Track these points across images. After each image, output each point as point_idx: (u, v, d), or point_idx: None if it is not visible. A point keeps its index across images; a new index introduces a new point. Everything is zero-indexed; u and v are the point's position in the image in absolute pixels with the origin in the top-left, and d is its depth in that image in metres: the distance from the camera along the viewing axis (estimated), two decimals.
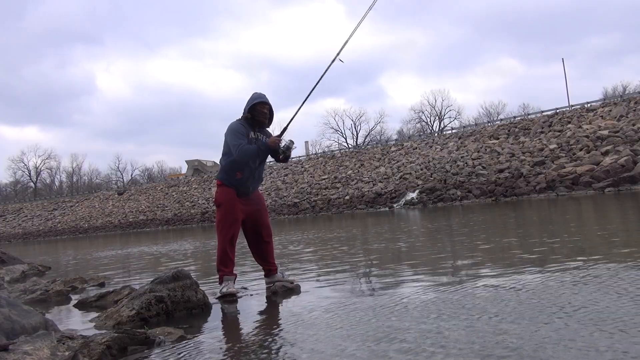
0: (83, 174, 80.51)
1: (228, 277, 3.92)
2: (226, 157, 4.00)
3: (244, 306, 3.62)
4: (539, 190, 20.05)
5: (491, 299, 2.85)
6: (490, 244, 5.93)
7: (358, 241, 8.55)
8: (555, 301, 2.65)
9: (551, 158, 23.59)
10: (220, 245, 3.96)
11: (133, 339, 2.50)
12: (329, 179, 34.81)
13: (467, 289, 3.26)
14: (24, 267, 7.69)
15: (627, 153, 19.97)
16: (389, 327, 2.50)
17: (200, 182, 47.15)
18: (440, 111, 63.21)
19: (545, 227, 7.43)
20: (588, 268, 3.52)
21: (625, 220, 7.73)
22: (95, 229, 43.62)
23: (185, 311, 3.40)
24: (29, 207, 58.82)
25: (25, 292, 5.03)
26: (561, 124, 28.38)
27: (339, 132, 65.57)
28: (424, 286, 3.52)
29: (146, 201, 47.37)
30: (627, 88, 50.78)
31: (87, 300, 4.28)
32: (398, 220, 14.54)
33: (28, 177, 77.64)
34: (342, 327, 2.61)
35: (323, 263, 5.68)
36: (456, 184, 24.54)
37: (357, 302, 3.22)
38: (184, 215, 38.89)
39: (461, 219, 11.44)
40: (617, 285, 2.87)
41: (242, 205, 4.00)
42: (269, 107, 4.06)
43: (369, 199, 27.89)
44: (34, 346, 2.29)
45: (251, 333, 2.84)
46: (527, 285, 3.14)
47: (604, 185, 18.12)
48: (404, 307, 2.93)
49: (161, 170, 79.54)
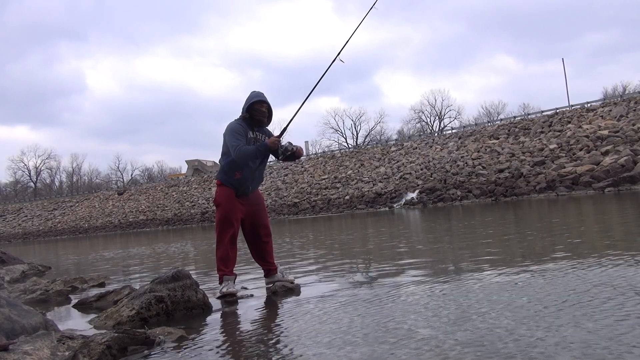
0: (83, 174, 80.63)
1: (228, 277, 3.92)
2: (225, 157, 3.99)
3: (244, 306, 3.62)
4: (539, 190, 20.05)
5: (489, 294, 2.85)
6: (491, 242, 5.94)
7: (358, 241, 8.55)
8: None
9: (551, 158, 23.59)
10: (220, 245, 3.96)
11: (133, 339, 2.50)
12: (329, 179, 34.80)
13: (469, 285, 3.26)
14: (24, 267, 7.69)
15: (627, 153, 19.96)
16: (389, 327, 2.50)
17: (200, 182, 47.15)
18: (440, 111, 63.30)
19: (547, 227, 7.43)
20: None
21: (626, 220, 7.73)
22: (95, 229, 43.62)
23: (185, 311, 3.40)
24: (29, 207, 58.81)
25: (25, 292, 5.03)
26: (561, 124, 28.38)
27: (339, 132, 65.68)
28: (423, 286, 3.52)
29: (146, 201, 47.37)
30: (627, 88, 50.82)
31: (87, 300, 4.28)
32: (398, 220, 14.54)
33: (28, 177, 77.76)
34: (342, 327, 2.61)
35: (323, 263, 5.68)
36: (456, 184, 24.54)
37: (358, 302, 3.21)
38: (184, 215, 38.89)
39: (461, 219, 11.44)
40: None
41: (241, 205, 4.00)
42: (268, 105, 4.05)
43: (369, 199, 27.89)
44: (34, 346, 2.29)
45: (251, 333, 2.84)
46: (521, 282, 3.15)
47: (604, 185, 18.11)
48: (405, 307, 2.93)
49: (161, 170, 79.60)
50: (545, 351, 1.92)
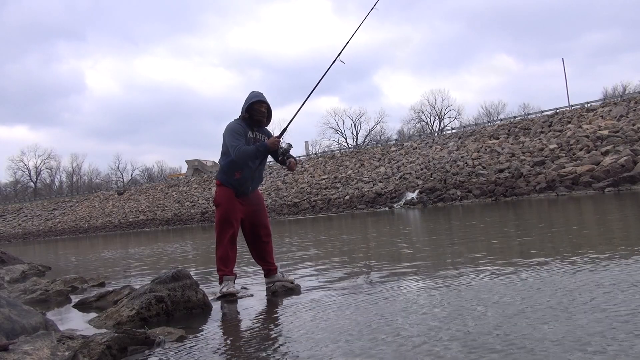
0: (83, 174, 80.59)
1: (228, 276, 3.92)
2: (225, 157, 4.00)
3: (244, 306, 3.62)
4: (539, 190, 20.05)
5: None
6: (492, 242, 5.94)
7: (358, 241, 8.55)
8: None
9: (551, 158, 23.59)
10: (220, 245, 3.96)
11: (133, 339, 2.50)
12: (329, 178, 34.80)
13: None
14: (24, 267, 7.69)
15: (627, 153, 19.97)
16: (390, 327, 2.50)
17: (200, 182, 47.15)
18: (440, 111, 63.31)
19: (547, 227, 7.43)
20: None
21: (626, 220, 7.73)
22: (95, 228, 43.62)
23: (185, 311, 3.40)
24: (29, 207, 58.80)
25: (25, 292, 5.03)
26: (561, 124, 28.38)
27: (339, 132, 65.69)
28: (423, 287, 3.52)
29: (146, 201, 47.37)
30: (627, 88, 50.82)
31: (87, 300, 4.28)
32: (398, 220, 14.54)
33: (28, 177, 77.74)
34: (342, 326, 2.61)
35: (323, 263, 5.68)
36: (456, 184, 24.54)
37: (358, 302, 3.22)
38: (184, 215, 38.89)
39: (462, 219, 11.44)
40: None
41: (241, 205, 4.00)
42: (267, 105, 4.05)
43: (369, 198, 27.89)
44: (34, 346, 2.29)
45: (251, 333, 2.84)
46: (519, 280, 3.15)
47: (604, 185, 18.11)
48: (405, 306, 2.93)
49: (161, 170, 79.59)
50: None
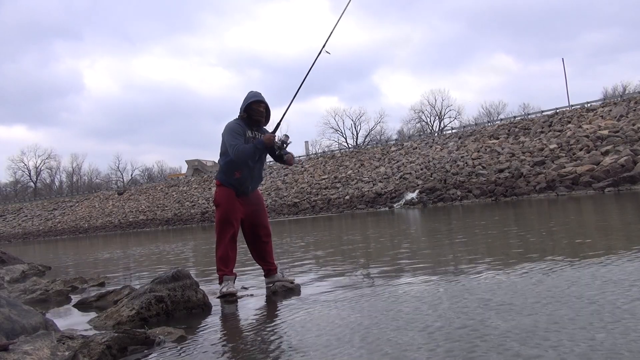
0: (83, 174, 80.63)
1: (228, 276, 3.92)
2: (224, 157, 4.00)
3: (244, 306, 3.62)
4: (539, 190, 20.05)
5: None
6: (491, 242, 5.94)
7: (358, 241, 8.55)
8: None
9: (551, 158, 23.59)
10: (220, 245, 3.96)
11: (133, 339, 2.50)
12: (329, 178, 34.81)
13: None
14: (24, 267, 7.69)
15: (627, 153, 19.97)
16: (391, 327, 2.50)
17: (200, 182, 47.16)
18: (440, 111, 63.32)
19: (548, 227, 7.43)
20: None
21: (625, 220, 7.73)
22: (95, 228, 43.63)
23: (185, 311, 3.40)
24: (29, 207, 58.81)
25: (25, 292, 5.03)
26: (561, 124, 28.39)
27: (339, 132, 65.71)
28: (424, 287, 3.53)
29: (146, 201, 47.37)
30: (627, 88, 50.83)
31: (87, 300, 4.28)
32: (398, 220, 14.54)
33: (28, 177, 77.76)
34: (342, 326, 2.61)
35: (323, 262, 5.68)
36: (456, 184, 24.54)
37: (358, 302, 3.22)
38: (184, 215, 38.90)
39: (461, 219, 11.44)
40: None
41: (241, 205, 4.00)
42: (265, 105, 4.06)
43: (369, 198, 27.90)
44: (34, 346, 2.29)
45: (251, 333, 2.84)
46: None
47: (604, 185, 18.12)
48: (406, 306, 2.93)
49: (161, 170, 79.62)
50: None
